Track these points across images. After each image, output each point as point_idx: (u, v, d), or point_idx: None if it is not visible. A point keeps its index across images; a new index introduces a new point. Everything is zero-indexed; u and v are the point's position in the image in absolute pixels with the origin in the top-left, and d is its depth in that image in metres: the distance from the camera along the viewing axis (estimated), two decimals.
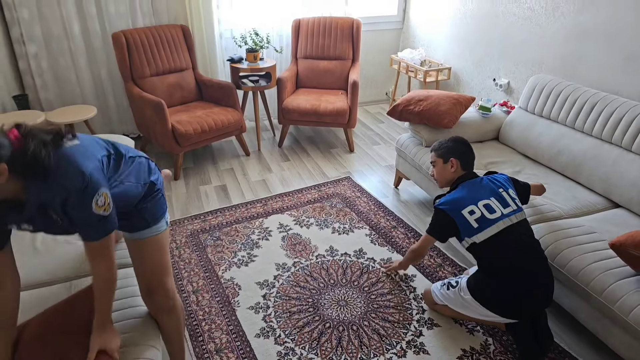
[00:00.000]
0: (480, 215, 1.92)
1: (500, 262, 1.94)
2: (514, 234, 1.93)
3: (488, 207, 1.94)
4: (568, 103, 2.75)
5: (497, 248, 1.93)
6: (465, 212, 1.94)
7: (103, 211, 1.31)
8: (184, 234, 2.84)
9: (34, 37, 3.52)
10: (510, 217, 1.94)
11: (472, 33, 4.00)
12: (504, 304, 1.92)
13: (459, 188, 2.05)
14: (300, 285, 2.42)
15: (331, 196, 3.26)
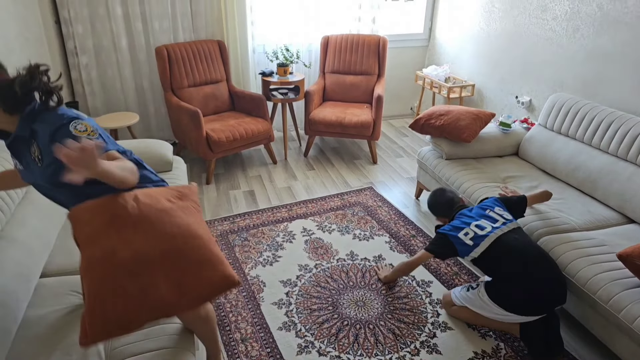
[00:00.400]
0: (474, 235, 2.17)
1: (502, 267, 2.10)
2: (505, 241, 2.12)
3: (479, 227, 2.19)
4: (585, 121, 2.84)
5: (495, 257, 2.12)
6: (461, 234, 2.19)
7: (87, 135, 1.36)
8: (214, 234, 3.03)
9: (86, 50, 3.82)
10: (501, 228, 2.17)
11: (495, 52, 4.12)
12: (519, 302, 2.05)
13: (455, 219, 2.32)
14: (321, 286, 2.56)
15: (353, 205, 3.41)
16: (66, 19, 3.67)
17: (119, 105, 4.11)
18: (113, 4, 3.73)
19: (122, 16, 3.82)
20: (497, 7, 4.02)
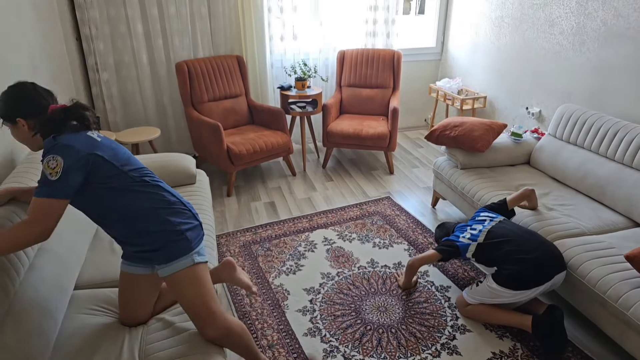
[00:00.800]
0: (470, 235, 2.47)
1: (500, 249, 2.31)
2: (496, 229, 2.42)
3: (473, 229, 2.50)
4: (593, 130, 2.94)
5: (491, 244, 2.36)
6: (461, 237, 2.48)
7: (50, 174, 1.46)
8: (237, 244, 3.14)
9: (107, 66, 3.95)
10: (490, 224, 2.47)
11: (506, 65, 4.23)
12: (523, 276, 2.23)
13: (456, 231, 2.61)
14: (343, 292, 2.66)
15: (372, 214, 3.51)
16: (87, 36, 3.82)
17: (139, 120, 4.24)
18: (134, 22, 3.89)
19: (142, 33, 3.97)
20: (506, 22, 4.14)
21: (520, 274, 2.22)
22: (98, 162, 1.57)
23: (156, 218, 1.66)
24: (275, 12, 4.34)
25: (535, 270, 2.21)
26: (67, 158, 1.49)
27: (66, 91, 3.54)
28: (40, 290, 1.69)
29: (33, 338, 1.52)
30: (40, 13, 3.15)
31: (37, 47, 2.99)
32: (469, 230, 2.51)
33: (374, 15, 4.63)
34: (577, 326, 2.40)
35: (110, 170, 1.61)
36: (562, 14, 3.53)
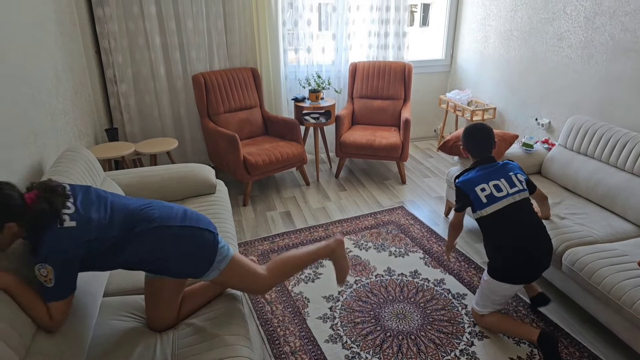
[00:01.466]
0: (490, 193, 2.29)
1: (502, 233, 2.29)
2: (515, 211, 2.28)
3: (497, 187, 2.29)
4: (602, 141, 3.03)
5: (501, 221, 2.28)
6: (477, 189, 2.31)
7: (44, 281, 1.50)
8: (255, 253, 3.20)
9: (125, 78, 4.04)
10: (514, 195, 2.29)
11: (515, 77, 4.32)
12: (514, 271, 2.27)
13: (476, 169, 2.39)
14: (362, 300, 2.72)
15: (386, 223, 3.58)
16: (106, 49, 3.92)
17: (156, 132, 4.33)
18: (152, 35, 3.99)
19: (160, 46, 4.06)
20: (515, 36, 4.24)
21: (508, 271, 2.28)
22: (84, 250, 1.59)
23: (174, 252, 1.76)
24: (289, 25, 4.45)
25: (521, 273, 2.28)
26: (55, 265, 1.50)
27: (85, 103, 3.64)
28: None
29: (67, 343, 1.57)
30: (63, 27, 3.25)
31: (60, 61, 3.09)
32: (492, 186, 2.29)
33: (385, 28, 4.74)
34: (593, 332, 2.46)
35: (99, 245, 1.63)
36: (571, 28, 3.63)
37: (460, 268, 3.01)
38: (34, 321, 1.51)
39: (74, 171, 2.29)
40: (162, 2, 3.94)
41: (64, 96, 3.10)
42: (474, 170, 2.39)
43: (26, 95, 2.44)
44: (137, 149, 3.71)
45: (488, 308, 2.44)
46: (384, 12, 4.69)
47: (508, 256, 2.27)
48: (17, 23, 2.47)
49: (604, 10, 3.33)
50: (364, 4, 4.65)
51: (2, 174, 2.05)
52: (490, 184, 2.30)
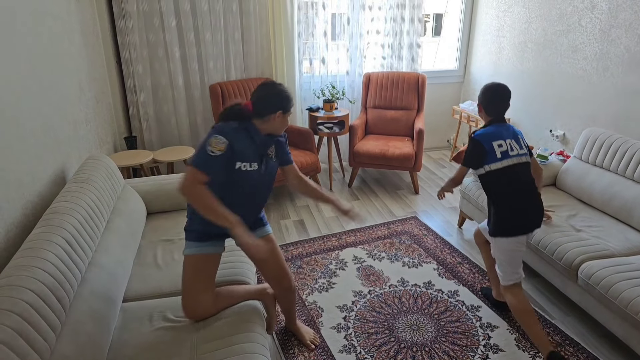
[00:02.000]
0: (505, 150, 2.38)
1: (504, 189, 2.39)
2: (520, 171, 2.40)
3: (511, 146, 2.40)
4: (619, 154, 3.02)
5: (506, 178, 2.38)
6: (495, 144, 2.38)
7: (209, 148, 1.78)
8: None
9: (144, 88, 4.13)
10: (521, 157, 2.41)
11: (529, 88, 4.33)
12: (512, 222, 2.39)
13: (491, 126, 2.47)
14: (376, 310, 2.74)
15: (400, 233, 3.60)
16: (127, 60, 4.02)
17: (173, 140, 4.40)
18: (172, 47, 4.07)
19: (179, 57, 4.15)
20: (529, 47, 4.25)
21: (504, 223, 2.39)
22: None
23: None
24: (304, 36, 4.51)
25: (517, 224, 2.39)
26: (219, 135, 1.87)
27: (106, 112, 3.71)
28: (93, 302, 1.78)
29: (88, 347, 1.61)
30: (87, 39, 3.34)
31: (83, 71, 3.17)
32: (509, 143, 2.38)
33: (399, 39, 4.78)
34: (609, 347, 2.45)
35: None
36: (586, 40, 3.64)
37: (474, 279, 3.02)
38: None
39: (96, 179, 2.35)
40: (182, 15, 4.03)
41: (87, 105, 3.18)
42: (489, 127, 2.47)
43: (52, 104, 2.51)
44: (154, 157, 3.75)
45: (507, 276, 2.44)
46: (398, 23, 4.74)
47: (506, 210, 2.40)
48: (49, 36, 2.56)
49: (619, 22, 3.34)
50: (378, 16, 4.70)
51: (26, 182, 2.11)
52: (506, 141, 2.40)
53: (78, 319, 1.66)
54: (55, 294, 1.56)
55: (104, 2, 3.78)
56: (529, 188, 2.41)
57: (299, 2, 4.40)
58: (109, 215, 2.36)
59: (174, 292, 2.18)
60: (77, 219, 1.95)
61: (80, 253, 1.86)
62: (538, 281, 3.00)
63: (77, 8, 3.15)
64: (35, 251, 1.63)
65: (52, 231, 1.77)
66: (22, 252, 1.64)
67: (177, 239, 2.58)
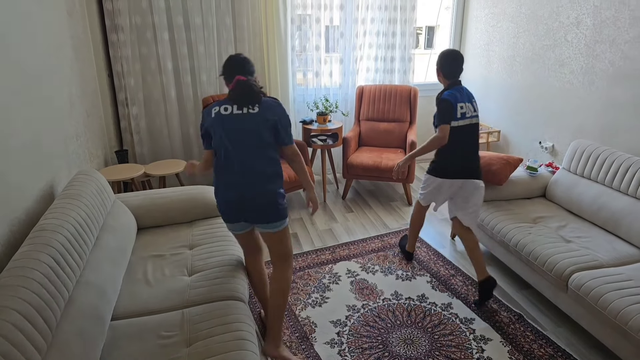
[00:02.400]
0: (464, 112, 2.80)
1: (456, 142, 2.80)
2: (467, 130, 2.82)
3: (468, 107, 2.82)
4: (606, 165, 3.05)
5: (460, 134, 2.80)
6: (458, 105, 2.78)
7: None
8: None
9: (136, 101, 4.13)
10: (473, 118, 2.84)
11: (519, 101, 4.38)
12: (451, 168, 2.87)
13: (453, 89, 2.84)
14: (369, 325, 2.72)
15: (393, 246, 3.59)
16: (119, 73, 4.01)
17: (165, 153, 4.38)
18: (164, 60, 4.08)
19: (172, 70, 4.15)
20: (518, 61, 4.30)
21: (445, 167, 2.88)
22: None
23: None
24: (298, 49, 4.54)
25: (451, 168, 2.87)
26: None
27: (97, 126, 3.70)
28: (80, 321, 1.75)
29: None
30: (78, 52, 3.33)
31: (74, 85, 3.16)
32: (467, 105, 2.80)
33: (392, 53, 4.83)
34: (600, 358, 2.44)
35: None
36: (572, 55, 3.69)
37: (467, 292, 3.01)
38: None
39: (85, 194, 2.32)
40: (175, 29, 4.04)
41: (77, 119, 3.17)
42: (452, 90, 2.84)
43: (41, 119, 2.50)
44: (146, 171, 3.72)
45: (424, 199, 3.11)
46: (390, 37, 4.79)
47: (452, 158, 2.85)
48: (39, 50, 2.55)
49: (604, 38, 3.39)
50: (371, 30, 4.75)
51: (14, 198, 2.09)
52: (466, 104, 2.81)
53: (65, 339, 1.63)
54: (41, 314, 1.54)
55: (96, 16, 3.78)
56: (471, 146, 2.86)
57: (292, 16, 4.43)
58: (98, 231, 2.33)
59: (164, 309, 2.14)
60: (65, 236, 1.93)
61: (67, 271, 1.84)
62: (530, 292, 3.00)
63: (68, 22, 3.16)
64: (21, 270, 1.61)
65: (39, 249, 1.75)
66: (8, 272, 1.61)
67: (168, 255, 2.56)
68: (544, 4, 3.92)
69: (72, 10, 3.27)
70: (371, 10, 4.70)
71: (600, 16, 3.39)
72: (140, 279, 2.36)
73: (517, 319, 2.75)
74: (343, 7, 4.58)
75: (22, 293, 1.51)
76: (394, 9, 4.71)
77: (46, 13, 2.73)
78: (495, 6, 4.56)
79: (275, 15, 4.26)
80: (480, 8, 4.79)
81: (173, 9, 4.01)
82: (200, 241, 2.71)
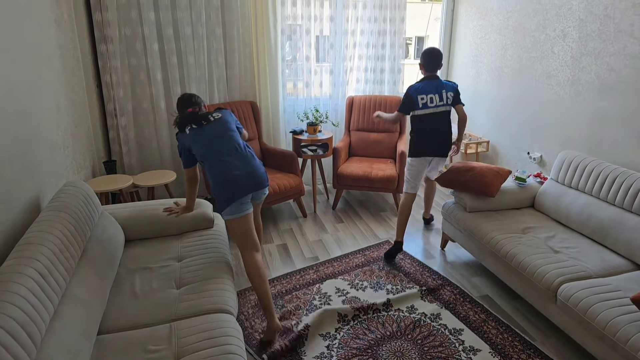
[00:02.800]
0: (425, 102, 3.35)
1: (421, 127, 3.42)
2: (432, 117, 3.38)
3: (431, 99, 3.35)
4: (593, 176, 3.09)
5: (423, 120, 3.39)
6: (419, 97, 3.35)
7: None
8: (249, 305, 3.00)
9: (125, 111, 4.10)
10: (438, 107, 3.37)
11: (507, 112, 4.42)
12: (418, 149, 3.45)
13: (422, 82, 3.41)
14: (359, 338, 2.69)
15: (377, 259, 3.56)
16: (108, 83, 3.99)
17: (154, 164, 4.36)
18: (154, 71, 4.07)
19: (161, 81, 4.14)
20: (506, 73, 4.36)
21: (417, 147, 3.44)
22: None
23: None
24: (288, 59, 4.56)
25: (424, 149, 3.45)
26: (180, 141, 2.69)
27: (84, 136, 3.67)
28: (66, 336, 1.72)
29: None
30: (66, 63, 3.32)
31: (62, 95, 3.14)
32: (428, 97, 3.33)
33: (381, 64, 4.86)
34: None
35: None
36: (559, 67, 3.74)
37: (456, 302, 3.02)
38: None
39: (72, 206, 2.29)
40: (164, 39, 4.05)
41: (65, 130, 3.14)
42: (421, 83, 3.40)
43: (28, 130, 2.47)
44: (135, 182, 3.67)
45: (408, 187, 3.56)
46: (380, 48, 4.83)
47: (418, 140, 3.44)
48: (27, 61, 2.53)
49: (589, 50, 3.44)
50: (361, 41, 4.79)
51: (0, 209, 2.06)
52: (428, 95, 3.34)
53: (50, 354, 1.60)
54: (25, 330, 1.52)
55: (85, 27, 3.77)
56: (436, 130, 3.41)
57: (283, 27, 4.46)
58: (85, 243, 2.31)
59: (152, 323, 2.12)
60: (51, 249, 1.90)
61: (53, 285, 1.81)
62: (520, 303, 3.02)
63: (56, 33, 3.14)
64: (5, 285, 1.58)
65: (24, 263, 1.72)
66: None
67: (156, 267, 2.54)
68: (531, 16, 3.98)
69: (60, 20, 3.25)
70: (361, 22, 4.75)
71: (586, 29, 3.45)
72: (128, 292, 2.33)
73: (506, 329, 2.76)
74: (333, 19, 4.62)
75: (5, 308, 1.49)
76: (384, 21, 4.76)
77: (34, 22, 2.71)
78: (483, 18, 4.62)
79: (265, 25, 4.28)
80: (469, 20, 4.85)
81: (163, 20, 4.01)
82: (189, 253, 2.69)
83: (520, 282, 2.84)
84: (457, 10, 5.04)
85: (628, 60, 3.15)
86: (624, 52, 3.17)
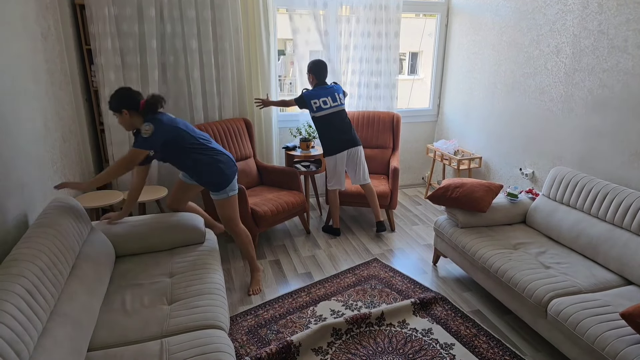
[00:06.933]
0: (319, 105, 3.86)
1: (326, 128, 3.92)
2: (331, 117, 3.90)
3: (324, 102, 3.87)
4: (584, 192, 3.11)
5: (325, 121, 3.91)
6: (312, 101, 3.86)
7: (144, 133, 2.68)
8: (242, 331, 2.91)
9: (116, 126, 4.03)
10: (334, 107, 3.90)
11: (499, 128, 4.46)
12: (334, 145, 3.94)
13: (315, 88, 3.92)
14: (351, 353, 2.68)
15: (367, 278, 3.52)
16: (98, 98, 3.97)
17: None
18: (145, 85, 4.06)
19: None
20: (499, 88, 4.40)
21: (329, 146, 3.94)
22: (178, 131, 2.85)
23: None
24: (282, 75, 4.59)
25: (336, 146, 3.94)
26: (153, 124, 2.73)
27: (73, 151, 3.63)
28: (55, 354, 1.71)
29: None
30: (54, 77, 3.29)
31: (49, 110, 3.11)
32: (321, 101, 3.84)
33: (376, 79, 4.89)
34: None
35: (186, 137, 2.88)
36: (552, 83, 3.78)
37: (447, 317, 3.01)
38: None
39: (60, 222, 2.28)
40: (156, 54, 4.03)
41: (53, 145, 3.11)
42: (315, 89, 3.91)
43: (14, 146, 2.45)
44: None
45: (333, 183, 4.03)
46: (374, 64, 4.84)
47: (330, 139, 3.92)
48: (12, 75, 2.52)
49: (582, 66, 3.49)
50: (354, 57, 4.82)
51: None
52: (320, 99, 3.85)
53: None
54: (13, 348, 1.51)
55: (72, 40, 3.71)
56: (340, 126, 3.92)
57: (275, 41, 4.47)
58: (74, 260, 2.30)
59: (143, 339, 2.11)
60: (39, 265, 1.90)
61: (41, 302, 1.80)
62: (510, 318, 3.02)
63: (43, 46, 3.11)
64: None
65: (11, 280, 1.72)
66: None
67: (147, 283, 2.53)
68: (524, 32, 4.04)
69: (47, 33, 3.22)
70: (354, 37, 4.77)
71: (580, 45, 3.50)
72: (119, 309, 2.31)
73: (496, 343, 2.75)
74: (327, 33, 4.62)
75: None
76: (378, 36, 4.77)
77: (19, 36, 2.69)
78: (476, 34, 4.68)
79: (258, 40, 4.30)
80: (462, 35, 4.92)
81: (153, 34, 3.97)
82: (181, 269, 2.68)
83: (511, 298, 2.84)
84: (451, 25, 5.11)
85: (621, 77, 3.20)
86: (617, 68, 3.22)
